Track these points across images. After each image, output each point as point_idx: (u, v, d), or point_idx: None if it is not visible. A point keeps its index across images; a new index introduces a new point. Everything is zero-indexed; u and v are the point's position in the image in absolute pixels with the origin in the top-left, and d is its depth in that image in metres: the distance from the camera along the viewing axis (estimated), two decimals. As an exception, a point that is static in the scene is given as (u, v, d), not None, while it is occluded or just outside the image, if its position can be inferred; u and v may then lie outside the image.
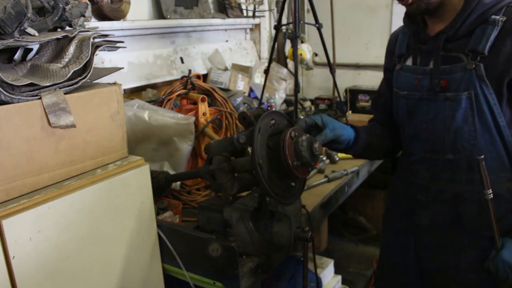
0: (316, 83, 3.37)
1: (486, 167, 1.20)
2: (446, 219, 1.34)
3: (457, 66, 1.21)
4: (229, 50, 2.78)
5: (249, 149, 1.25)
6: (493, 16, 1.15)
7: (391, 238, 1.61)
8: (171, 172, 1.52)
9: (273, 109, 1.57)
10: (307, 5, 3.04)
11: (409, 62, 1.38)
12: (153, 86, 2.19)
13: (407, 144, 1.43)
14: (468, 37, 1.20)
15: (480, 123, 1.22)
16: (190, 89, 1.75)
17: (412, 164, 1.41)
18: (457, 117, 1.23)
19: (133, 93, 2.10)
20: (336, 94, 2.53)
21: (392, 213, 1.57)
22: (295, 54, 2.16)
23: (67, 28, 1.06)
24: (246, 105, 2.31)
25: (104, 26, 1.87)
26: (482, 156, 1.19)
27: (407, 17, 1.43)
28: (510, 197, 1.27)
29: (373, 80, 3.10)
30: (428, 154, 1.34)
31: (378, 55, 3.07)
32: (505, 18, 1.14)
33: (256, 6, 2.92)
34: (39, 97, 0.93)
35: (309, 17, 2.99)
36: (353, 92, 2.80)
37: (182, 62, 2.39)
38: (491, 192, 1.20)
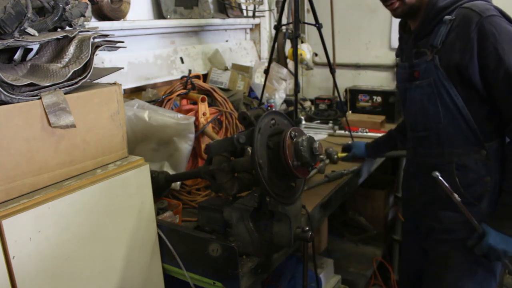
0: (316, 83, 3.37)
1: (453, 142, 1.45)
2: (427, 189, 1.56)
3: (423, 59, 1.46)
4: (229, 50, 2.78)
5: (249, 149, 1.25)
6: (446, 17, 1.39)
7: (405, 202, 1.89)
8: (171, 172, 1.52)
9: (273, 109, 1.57)
10: (307, 5, 3.04)
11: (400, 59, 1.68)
12: (153, 86, 2.19)
13: (406, 127, 1.70)
14: (430, 35, 1.44)
15: (442, 104, 1.43)
16: (190, 89, 1.75)
17: (407, 143, 1.71)
18: (424, 100, 1.48)
19: (133, 93, 2.10)
20: (336, 94, 2.53)
21: (404, 179, 1.83)
22: (295, 54, 2.16)
23: (67, 28, 1.07)
24: (246, 105, 2.31)
25: (104, 26, 1.87)
26: (437, 173, 1.39)
27: (402, 20, 1.65)
28: (476, 168, 1.44)
29: (373, 80, 3.10)
30: (411, 132, 1.62)
31: (378, 55, 3.07)
32: (453, 17, 1.37)
33: (256, 6, 2.92)
34: (39, 97, 0.93)
35: (309, 17, 2.99)
36: (353, 92, 2.80)
37: (182, 62, 2.39)
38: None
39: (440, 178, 1.38)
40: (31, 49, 1.01)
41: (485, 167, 1.43)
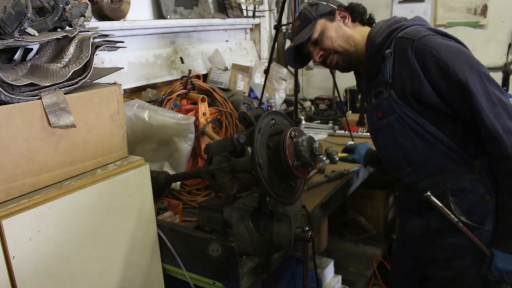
0: (316, 83, 3.37)
1: (441, 169, 1.38)
2: (436, 221, 1.44)
3: (381, 98, 1.43)
4: (229, 50, 2.78)
5: (249, 149, 1.25)
6: (386, 51, 1.37)
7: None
8: (171, 172, 1.52)
9: (273, 109, 1.57)
10: (307, 5, 3.04)
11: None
12: (153, 86, 2.19)
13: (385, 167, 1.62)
14: (379, 73, 1.42)
15: (416, 135, 1.38)
16: (190, 89, 1.75)
17: (396, 183, 1.63)
18: (398, 137, 1.42)
19: (133, 93, 2.10)
20: (336, 94, 2.53)
21: (403, 225, 1.71)
22: (295, 54, 2.15)
23: (67, 28, 1.07)
24: (246, 105, 2.31)
25: (104, 26, 1.87)
26: (428, 193, 1.37)
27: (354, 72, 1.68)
28: (473, 188, 1.36)
29: (373, 80, 3.10)
30: (396, 173, 1.52)
31: (378, 55, 3.07)
32: (392, 49, 1.36)
33: (256, 6, 2.92)
34: (39, 97, 0.93)
35: (309, 17, 2.98)
36: (353, 92, 2.80)
37: (182, 62, 2.39)
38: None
39: (432, 197, 1.35)
40: (31, 49, 1.01)
41: (482, 185, 1.35)
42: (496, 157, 1.29)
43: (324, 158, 1.95)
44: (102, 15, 1.92)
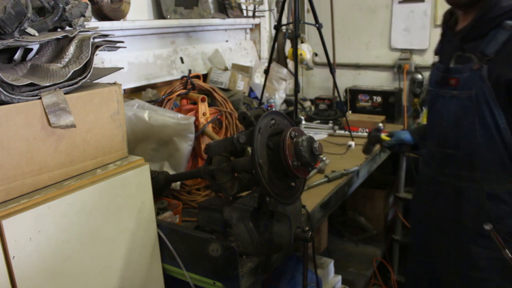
0: (316, 83, 3.37)
1: (487, 166, 1.24)
2: (450, 214, 1.37)
3: (466, 66, 1.23)
4: (229, 50, 2.78)
5: (249, 149, 1.25)
6: (507, 22, 1.16)
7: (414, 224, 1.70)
8: (171, 172, 1.52)
9: (273, 109, 1.57)
10: (307, 5, 3.04)
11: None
12: (153, 86, 2.19)
13: (428, 137, 1.48)
14: (482, 39, 1.21)
15: (480, 122, 1.24)
16: (190, 89, 1.75)
17: (428, 156, 1.48)
18: (460, 114, 1.27)
19: (133, 93, 2.10)
20: (336, 94, 2.53)
21: (415, 200, 1.64)
22: (295, 54, 2.16)
23: (67, 28, 1.06)
24: (246, 105, 2.31)
25: (104, 26, 1.87)
26: (490, 225, 1.22)
27: (448, 12, 1.40)
28: (509, 199, 1.27)
29: (373, 80, 3.10)
30: (436, 147, 1.39)
31: (378, 55, 3.07)
32: None
33: (256, 6, 2.92)
34: (39, 97, 0.93)
35: (309, 17, 2.99)
36: (353, 92, 2.80)
37: (182, 62, 2.39)
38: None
39: (495, 232, 1.23)
40: (31, 49, 1.01)
41: None
42: None
43: (324, 158, 1.95)
44: (102, 15, 1.92)
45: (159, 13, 2.25)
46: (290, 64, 3.09)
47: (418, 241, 1.62)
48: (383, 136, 1.80)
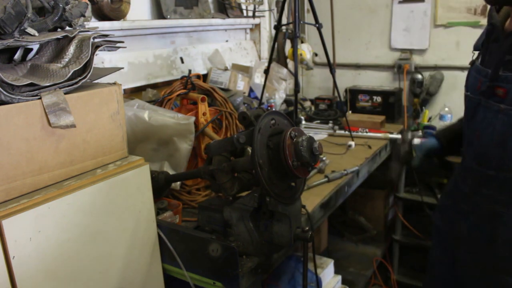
0: (316, 83, 3.37)
1: None
2: (483, 236, 1.23)
3: None
4: (229, 50, 2.78)
5: (249, 149, 1.25)
6: None
7: (435, 242, 1.51)
8: (171, 172, 1.52)
9: (273, 109, 1.57)
10: (307, 5, 3.04)
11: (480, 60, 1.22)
12: (153, 86, 2.18)
13: (464, 147, 1.32)
14: None
15: None
16: (190, 89, 1.74)
17: (462, 170, 1.31)
18: (505, 133, 1.09)
19: (133, 93, 2.10)
20: (336, 94, 2.53)
21: (439, 213, 1.46)
22: (295, 54, 2.16)
23: (67, 28, 1.06)
24: (246, 105, 2.31)
25: (104, 26, 1.87)
26: None
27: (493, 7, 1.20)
28: None
29: (373, 80, 3.10)
30: (475, 163, 1.23)
31: (378, 55, 3.07)
32: None
33: (256, 6, 2.92)
34: (39, 97, 0.93)
35: (309, 17, 2.99)
36: (353, 92, 2.80)
37: (182, 62, 2.39)
38: None
39: None
40: (31, 49, 1.01)
41: None
42: None
43: (324, 158, 1.95)
44: (102, 15, 1.92)
45: (159, 13, 2.25)
46: (290, 64, 3.09)
47: (443, 258, 1.46)
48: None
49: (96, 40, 1.05)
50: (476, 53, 1.25)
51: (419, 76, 2.85)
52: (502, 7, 1.16)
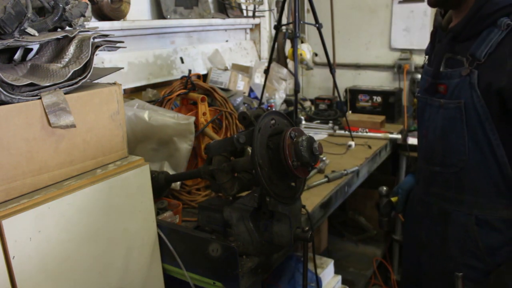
0: (316, 83, 3.37)
1: (477, 188, 1.08)
2: (437, 238, 1.24)
3: (456, 71, 1.07)
4: (229, 50, 2.78)
5: (249, 149, 1.25)
6: (502, 19, 1.00)
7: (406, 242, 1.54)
8: (171, 172, 1.52)
9: (273, 109, 1.57)
10: (307, 5, 3.04)
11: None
12: (153, 86, 2.18)
13: (417, 149, 1.34)
14: (474, 40, 1.04)
15: (470, 137, 1.07)
16: (190, 89, 1.74)
17: (416, 172, 1.33)
18: (447, 128, 1.11)
19: (133, 93, 2.10)
20: (336, 94, 2.53)
21: (405, 219, 1.47)
22: (295, 54, 2.16)
23: (67, 28, 1.06)
24: (246, 105, 2.31)
25: (104, 26, 1.87)
26: (461, 274, 1.07)
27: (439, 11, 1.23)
28: (503, 228, 1.10)
29: (373, 80, 3.10)
30: (423, 162, 1.24)
31: (378, 55, 3.07)
32: (511, 22, 0.98)
33: (256, 6, 2.92)
34: (39, 97, 0.93)
35: (309, 17, 2.99)
36: (353, 92, 2.80)
37: (182, 62, 2.39)
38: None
39: (462, 282, 1.07)
40: (31, 49, 1.01)
41: None
42: None
43: (324, 158, 1.95)
44: (102, 15, 1.92)
45: (159, 13, 2.25)
46: (290, 64, 3.09)
47: (407, 262, 1.48)
48: (392, 198, 1.54)
49: (96, 40, 1.05)
50: (427, 57, 1.29)
51: (419, 76, 2.85)
52: (447, 11, 1.19)
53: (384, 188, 1.59)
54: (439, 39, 1.19)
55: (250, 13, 2.90)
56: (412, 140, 2.41)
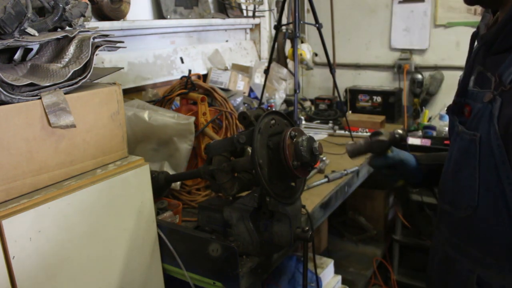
0: (316, 83, 3.37)
1: (485, 243, 0.88)
2: (438, 285, 1.06)
3: (481, 94, 0.83)
4: (229, 50, 2.78)
5: (249, 149, 1.25)
6: None
7: None
8: (171, 172, 1.52)
9: (273, 109, 1.57)
10: (307, 5, 3.04)
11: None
12: (153, 86, 2.19)
13: None
14: (508, 54, 0.80)
15: (482, 181, 0.84)
16: (190, 89, 1.74)
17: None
18: (460, 162, 0.90)
19: (133, 93, 2.10)
20: (336, 94, 2.53)
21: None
22: (295, 54, 2.16)
23: (67, 28, 1.06)
24: (246, 105, 2.31)
25: (104, 26, 1.87)
26: None
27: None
28: None
29: (373, 80, 3.10)
30: (438, 192, 1.04)
31: (378, 55, 3.08)
32: None
33: (256, 6, 2.92)
34: (39, 97, 0.93)
35: (309, 17, 2.99)
36: (353, 92, 2.80)
37: (182, 62, 2.39)
38: None
39: None
40: (31, 49, 1.01)
41: None
42: None
43: (324, 158, 1.95)
44: (102, 15, 1.92)
45: (159, 13, 2.25)
46: (290, 64, 3.09)
47: None
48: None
49: (96, 40, 1.05)
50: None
51: (419, 76, 2.85)
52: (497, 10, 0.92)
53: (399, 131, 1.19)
54: (478, 49, 0.91)
55: (250, 13, 2.90)
56: (412, 140, 2.41)
